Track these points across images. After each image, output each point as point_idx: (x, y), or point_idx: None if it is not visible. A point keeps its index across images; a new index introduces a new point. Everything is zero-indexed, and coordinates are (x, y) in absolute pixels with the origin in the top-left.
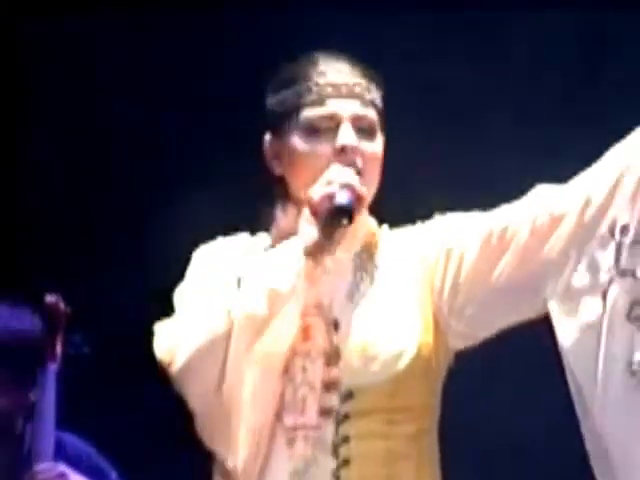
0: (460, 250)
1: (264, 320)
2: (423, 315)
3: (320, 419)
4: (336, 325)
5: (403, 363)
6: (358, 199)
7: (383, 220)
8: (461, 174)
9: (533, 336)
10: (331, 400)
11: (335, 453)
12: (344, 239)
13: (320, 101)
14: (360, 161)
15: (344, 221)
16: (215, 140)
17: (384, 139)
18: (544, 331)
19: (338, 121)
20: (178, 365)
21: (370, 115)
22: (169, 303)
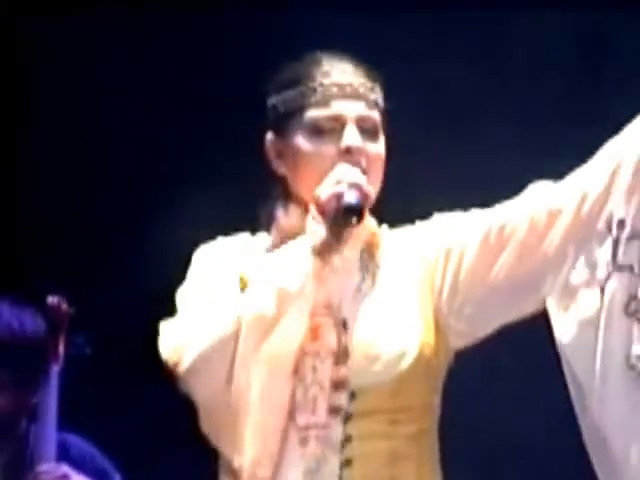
0: (459, 249)
1: (273, 320)
2: (424, 315)
3: (329, 418)
4: (345, 324)
5: (406, 363)
6: (365, 198)
7: (383, 220)
8: (461, 174)
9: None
10: (339, 399)
11: (341, 452)
12: (350, 238)
13: (325, 102)
14: (364, 162)
15: (353, 220)
16: (215, 140)
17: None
18: (544, 331)
19: (343, 122)
20: (185, 365)
21: (374, 116)
22: (169, 303)
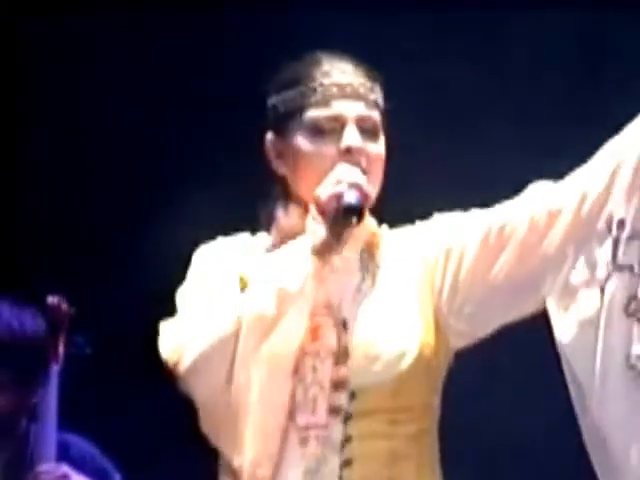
0: (459, 250)
1: (273, 320)
2: (424, 315)
3: (329, 418)
4: (345, 324)
5: (406, 363)
6: (365, 198)
7: (383, 220)
8: (461, 174)
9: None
10: (339, 399)
11: (341, 452)
12: (350, 238)
13: (325, 102)
14: (364, 162)
15: (353, 220)
16: (215, 140)
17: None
18: (544, 331)
19: (343, 122)
20: (186, 365)
21: (374, 116)
22: (169, 303)
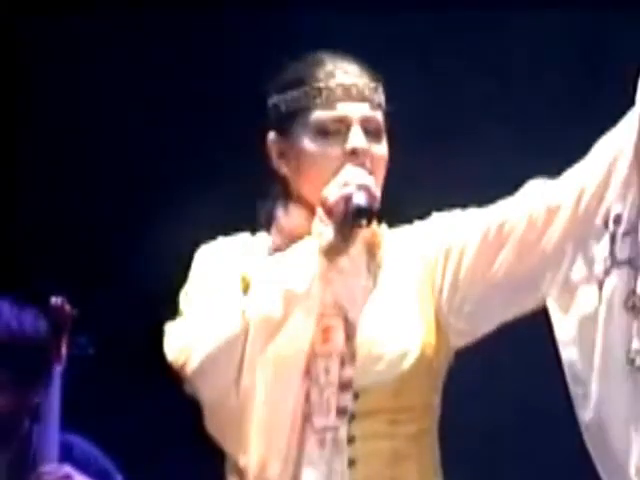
0: (459, 248)
1: (279, 321)
2: (425, 315)
3: (337, 419)
4: (353, 326)
5: (408, 363)
6: (373, 200)
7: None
8: (461, 174)
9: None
10: (345, 400)
11: (346, 453)
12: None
13: (330, 103)
14: (369, 163)
15: (363, 222)
16: (215, 140)
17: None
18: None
19: (348, 123)
20: (193, 366)
21: (377, 117)
22: (170, 303)
